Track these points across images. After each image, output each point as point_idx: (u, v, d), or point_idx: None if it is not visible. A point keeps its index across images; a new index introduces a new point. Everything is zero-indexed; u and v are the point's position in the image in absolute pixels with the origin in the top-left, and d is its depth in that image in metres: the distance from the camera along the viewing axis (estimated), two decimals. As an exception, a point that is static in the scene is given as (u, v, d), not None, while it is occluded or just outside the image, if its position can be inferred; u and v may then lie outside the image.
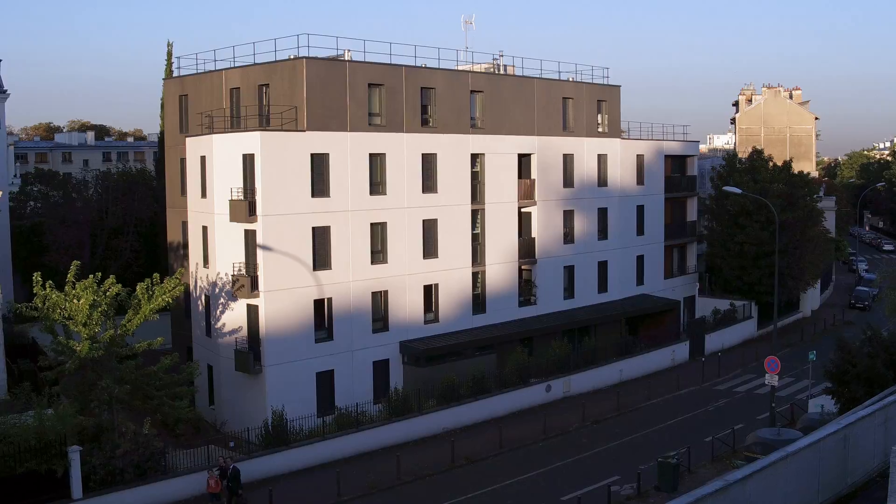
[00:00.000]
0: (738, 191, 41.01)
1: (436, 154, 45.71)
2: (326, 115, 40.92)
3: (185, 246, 45.84)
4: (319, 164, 40.88)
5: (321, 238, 41.08)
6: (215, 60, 45.41)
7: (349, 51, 43.20)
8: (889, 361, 31.97)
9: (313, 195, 40.58)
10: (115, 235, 58.23)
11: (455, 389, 42.17)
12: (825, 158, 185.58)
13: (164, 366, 34.16)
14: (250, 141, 39.19)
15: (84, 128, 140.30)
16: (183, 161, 45.41)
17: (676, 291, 62.86)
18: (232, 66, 44.21)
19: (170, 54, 60.71)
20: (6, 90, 56.46)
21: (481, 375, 43.55)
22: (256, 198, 38.84)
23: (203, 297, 43.21)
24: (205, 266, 42.93)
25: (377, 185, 43.31)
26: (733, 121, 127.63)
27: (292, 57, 41.35)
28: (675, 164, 64.36)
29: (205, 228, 42.90)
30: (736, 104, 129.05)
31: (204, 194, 42.72)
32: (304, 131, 40.15)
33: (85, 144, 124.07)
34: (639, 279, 59.49)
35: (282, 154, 39.38)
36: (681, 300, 62.48)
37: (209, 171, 41.84)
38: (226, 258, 40.59)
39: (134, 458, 31.43)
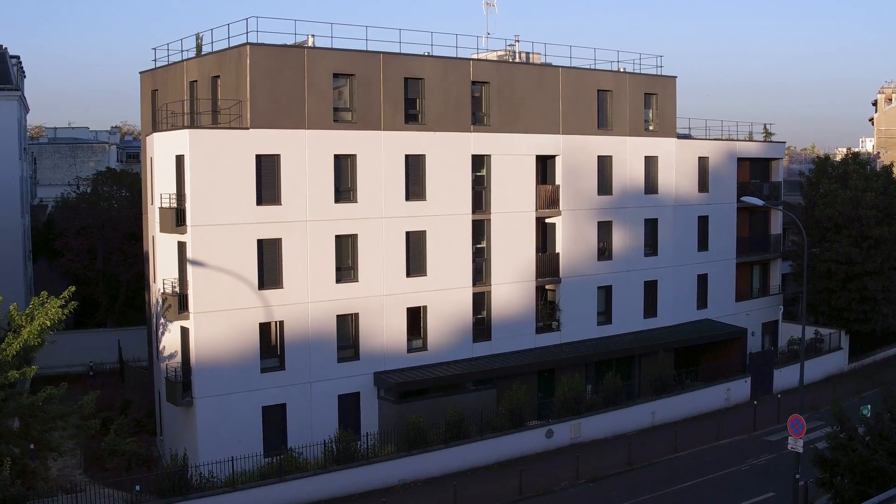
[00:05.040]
0: (759, 202, 32.69)
1: (424, 155, 39.38)
2: (277, 111, 35.38)
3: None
4: (269, 167, 35.38)
5: (270, 252, 35.55)
6: (182, 51, 40.93)
7: (312, 36, 37.47)
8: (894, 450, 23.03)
9: (260, 203, 35.09)
10: (129, 240, 54.88)
11: (423, 432, 35.74)
12: None
13: (41, 397, 29.45)
14: (180, 140, 34.16)
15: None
16: (150, 163, 41.08)
17: (752, 316, 53.92)
18: (195, 56, 39.53)
19: (199, 48, 57.02)
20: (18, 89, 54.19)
21: (459, 416, 36.86)
22: (186, 205, 33.77)
23: (154, 317, 38.62)
24: (153, 281, 38.34)
25: (345, 191, 37.44)
26: (872, 121, 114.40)
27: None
28: (755, 168, 55.37)
29: (153, 239, 38.30)
30: (875, 104, 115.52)
31: (152, 200, 38.14)
32: (248, 129, 34.79)
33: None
34: (700, 302, 51.02)
35: (218, 155, 34.08)
36: (756, 326, 53.63)
37: (153, 175, 37.21)
38: (162, 273, 35.77)
39: (-18, 507, 26.88)
